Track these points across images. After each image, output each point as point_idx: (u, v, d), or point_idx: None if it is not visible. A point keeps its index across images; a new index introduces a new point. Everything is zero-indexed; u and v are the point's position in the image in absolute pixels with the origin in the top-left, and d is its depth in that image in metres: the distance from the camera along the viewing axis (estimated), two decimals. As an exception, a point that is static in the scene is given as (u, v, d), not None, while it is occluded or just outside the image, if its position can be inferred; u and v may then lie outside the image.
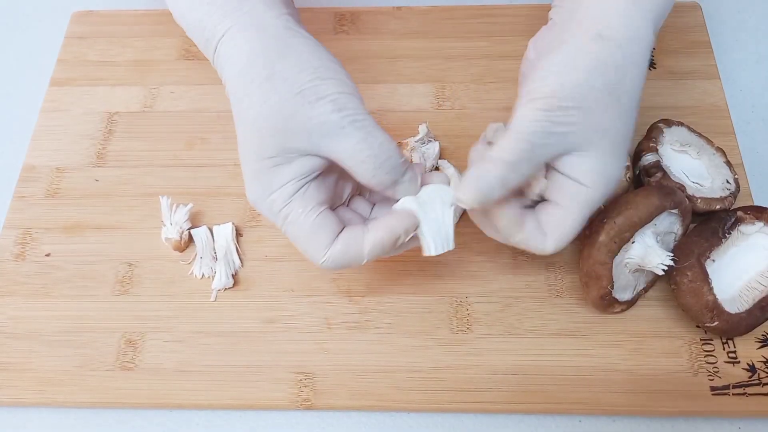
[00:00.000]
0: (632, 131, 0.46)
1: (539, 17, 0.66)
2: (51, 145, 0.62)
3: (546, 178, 0.46)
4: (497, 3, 0.68)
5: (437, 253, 0.46)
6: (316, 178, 0.45)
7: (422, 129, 0.59)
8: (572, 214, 0.45)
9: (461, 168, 0.58)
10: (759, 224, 0.52)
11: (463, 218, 0.56)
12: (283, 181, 0.44)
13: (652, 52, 0.48)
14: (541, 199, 0.47)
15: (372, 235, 0.45)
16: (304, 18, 0.67)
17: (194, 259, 0.55)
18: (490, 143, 0.47)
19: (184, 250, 0.56)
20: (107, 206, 0.58)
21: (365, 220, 0.48)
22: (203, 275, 0.55)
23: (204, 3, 0.47)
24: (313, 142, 0.43)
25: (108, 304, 0.54)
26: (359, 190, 0.50)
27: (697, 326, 0.52)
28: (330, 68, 0.45)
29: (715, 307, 0.48)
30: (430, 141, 0.58)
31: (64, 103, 0.64)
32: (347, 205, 0.49)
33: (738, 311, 0.49)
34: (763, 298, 0.50)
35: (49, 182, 0.60)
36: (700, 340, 0.51)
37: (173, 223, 0.56)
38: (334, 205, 0.48)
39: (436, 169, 0.57)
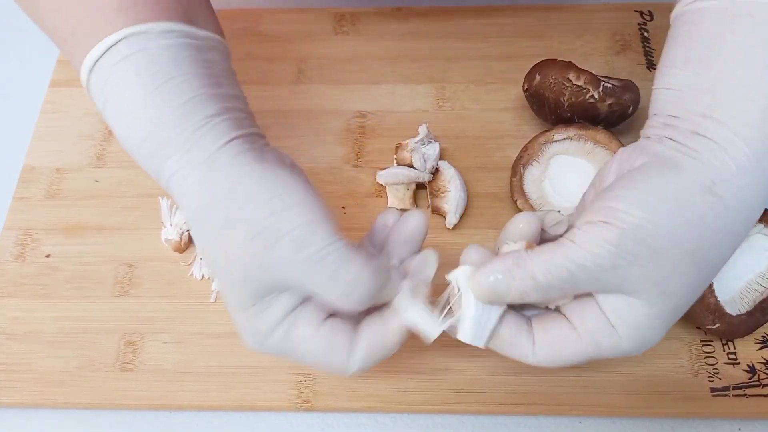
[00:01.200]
0: (697, 298, 0.40)
1: (539, 18, 0.67)
2: (51, 145, 0.62)
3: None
4: (497, 3, 0.68)
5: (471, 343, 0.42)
6: (307, 300, 0.41)
7: (422, 130, 0.59)
8: (584, 347, 0.39)
9: (461, 169, 0.58)
10: (759, 226, 0.52)
11: (462, 218, 0.56)
12: (272, 323, 0.40)
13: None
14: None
15: (394, 326, 0.41)
16: (304, 18, 0.68)
17: (194, 260, 0.55)
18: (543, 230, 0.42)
19: (183, 251, 0.56)
20: (107, 207, 0.58)
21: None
22: (203, 276, 0.55)
23: (151, 136, 0.40)
24: (285, 281, 0.39)
25: (108, 305, 0.54)
26: None
27: (697, 328, 0.52)
28: (288, 194, 0.39)
29: (717, 310, 0.48)
30: (430, 142, 0.58)
31: (64, 104, 0.64)
32: None
33: (738, 313, 0.49)
34: (764, 299, 0.50)
35: (49, 183, 0.60)
36: (700, 341, 0.51)
37: (173, 224, 0.56)
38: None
39: (436, 170, 0.57)
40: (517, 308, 0.42)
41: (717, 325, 0.49)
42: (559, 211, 0.43)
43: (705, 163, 0.38)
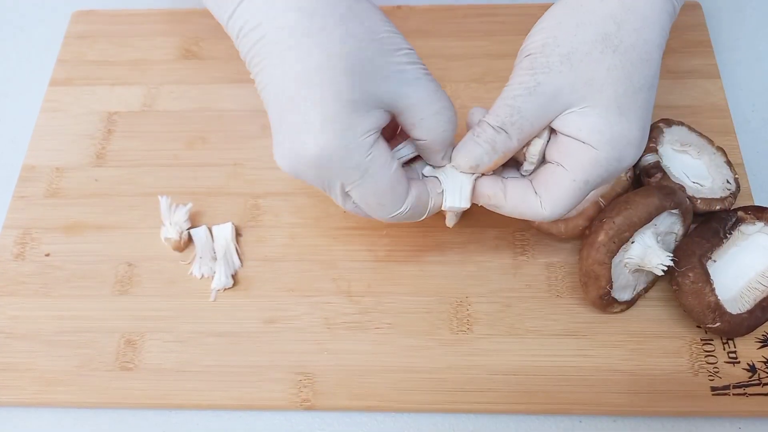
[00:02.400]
0: (647, 89, 0.43)
1: (539, 16, 0.66)
2: (51, 144, 0.62)
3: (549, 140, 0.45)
4: (497, 2, 0.68)
5: (458, 206, 0.47)
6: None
7: (422, 129, 0.58)
8: (571, 174, 0.43)
9: (461, 168, 0.58)
10: (759, 224, 0.52)
11: (463, 218, 0.56)
12: (364, 130, 0.41)
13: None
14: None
15: (432, 203, 0.46)
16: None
17: (194, 259, 0.55)
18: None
19: (183, 250, 0.56)
20: (107, 206, 0.58)
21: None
22: (203, 275, 0.55)
23: None
24: (390, 88, 0.42)
25: (108, 304, 0.54)
26: None
27: (698, 326, 0.51)
28: (393, 26, 0.44)
29: (717, 308, 0.48)
30: (430, 141, 0.58)
31: (64, 102, 0.64)
32: None
33: (739, 311, 0.49)
34: (765, 298, 0.50)
35: (48, 182, 0.60)
36: (701, 340, 0.51)
37: (173, 223, 0.56)
38: None
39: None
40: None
41: (717, 324, 0.49)
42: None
43: None
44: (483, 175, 0.46)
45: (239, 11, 0.43)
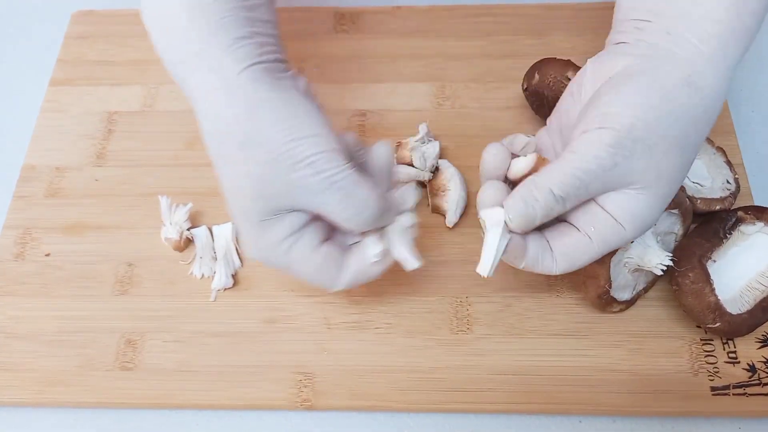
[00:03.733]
0: (682, 179, 0.44)
1: (539, 17, 0.67)
2: (51, 144, 0.62)
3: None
4: (497, 3, 0.68)
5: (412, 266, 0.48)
6: (309, 222, 0.46)
7: (422, 128, 0.59)
8: (595, 246, 0.44)
9: (461, 168, 0.58)
10: (759, 224, 0.52)
11: (463, 217, 0.56)
12: (278, 238, 0.45)
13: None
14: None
15: (372, 272, 0.47)
16: (303, 17, 0.68)
17: (194, 259, 0.55)
18: (514, 155, 0.47)
19: (183, 250, 0.56)
20: (107, 206, 0.58)
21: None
22: (203, 275, 0.55)
23: (179, 46, 0.45)
24: (298, 201, 0.44)
25: (108, 304, 0.54)
26: None
27: (698, 326, 0.52)
28: (305, 123, 0.43)
29: (717, 309, 0.48)
30: (430, 140, 0.58)
31: (64, 102, 0.64)
32: None
33: (739, 312, 0.49)
34: (765, 298, 0.50)
35: (49, 182, 0.60)
36: (701, 340, 0.51)
37: (173, 223, 0.56)
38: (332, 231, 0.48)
39: (436, 169, 0.57)
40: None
41: (718, 324, 0.49)
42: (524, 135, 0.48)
43: (681, 58, 0.42)
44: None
45: (194, 100, 0.46)
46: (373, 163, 0.47)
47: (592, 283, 0.49)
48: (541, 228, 0.45)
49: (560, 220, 0.45)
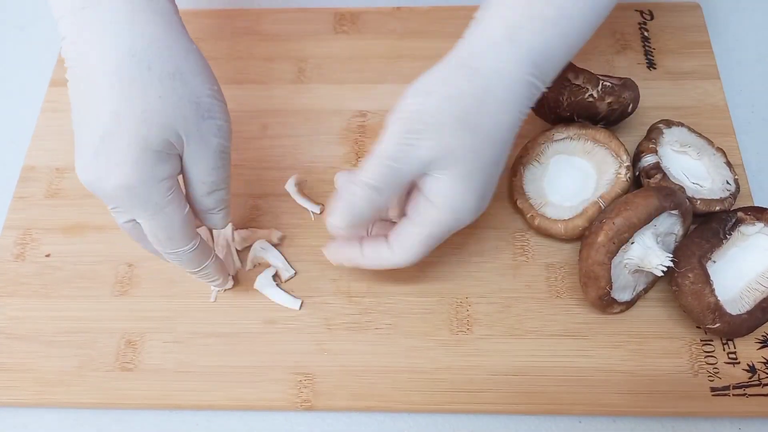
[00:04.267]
0: (494, 165, 0.47)
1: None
2: (51, 145, 0.62)
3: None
4: (497, 3, 0.68)
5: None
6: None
7: (422, 129, 0.58)
8: (418, 228, 0.47)
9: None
10: (759, 225, 0.52)
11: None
12: (166, 174, 0.45)
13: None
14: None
15: (212, 261, 0.50)
16: (304, 18, 0.68)
17: (194, 259, 0.55)
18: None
19: (184, 250, 0.56)
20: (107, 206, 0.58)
21: None
22: (203, 275, 0.55)
23: None
24: (190, 149, 0.45)
25: (108, 304, 0.54)
26: None
27: (698, 327, 0.52)
28: (218, 90, 0.47)
29: (717, 309, 0.48)
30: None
31: (64, 103, 0.63)
32: None
33: (739, 312, 0.49)
34: (764, 299, 0.50)
35: (49, 182, 0.60)
36: (701, 340, 0.51)
37: (173, 223, 0.56)
38: None
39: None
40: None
41: (717, 325, 0.49)
42: None
43: (464, 41, 0.47)
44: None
45: (74, 20, 0.44)
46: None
47: (592, 285, 0.49)
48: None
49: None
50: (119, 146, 0.43)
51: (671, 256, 0.49)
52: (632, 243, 0.49)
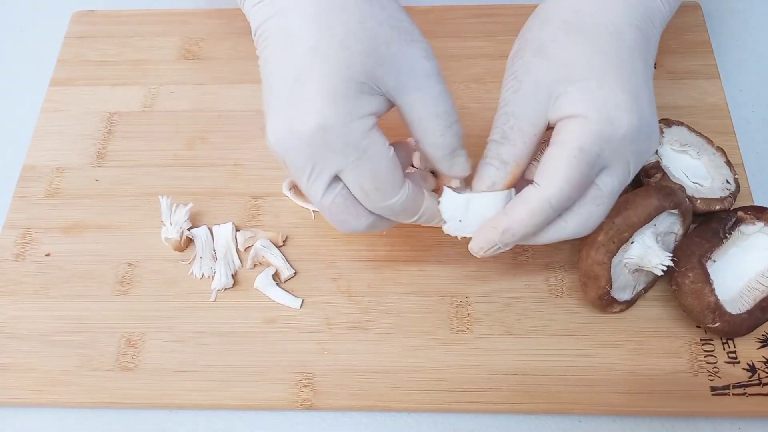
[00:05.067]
0: (624, 59, 0.43)
1: (539, 17, 0.67)
2: (51, 145, 0.62)
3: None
4: (497, 3, 0.68)
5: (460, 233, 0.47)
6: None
7: (422, 129, 0.58)
8: (565, 144, 0.42)
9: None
10: (759, 224, 0.52)
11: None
12: (366, 111, 0.41)
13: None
14: None
15: (428, 203, 0.45)
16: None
17: (194, 259, 0.55)
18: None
19: (184, 250, 0.56)
20: (107, 206, 0.58)
21: None
22: (203, 275, 0.55)
23: None
24: (400, 78, 0.42)
25: (108, 304, 0.54)
26: None
27: (698, 326, 0.52)
28: (412, 20, 0.44)
29: (717, 308, 0.48)
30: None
31: (64, 103, 0.64)
32: None
33: (739, 312, 0.49)
34: (764, 298, 0.50)
35: (49, 182, 0.60)
36: (700, 340, 0.51)
37: (173, 223, 0.56)
38: None
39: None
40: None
41: (717, 324, 0.49)
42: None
43: None
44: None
45: None
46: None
47: (592, 284, 0.49)
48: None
49: None
50: (317, 78, 0.40)
51: (671, 255, 0.49)
52: (632, 242, 0.49)
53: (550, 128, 0.45)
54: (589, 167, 0.42)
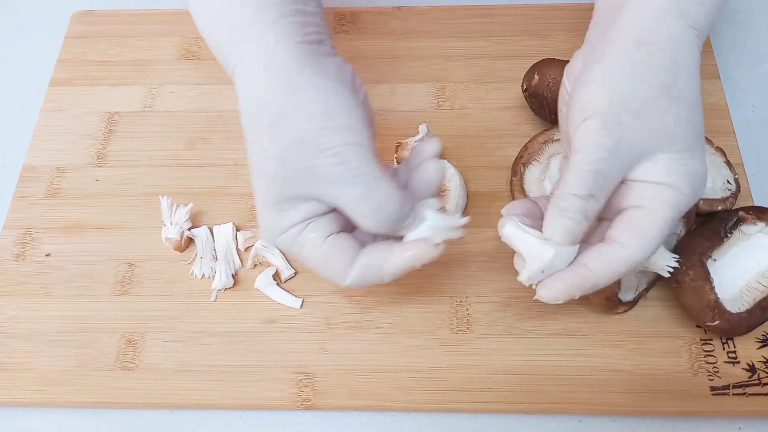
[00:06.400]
0: (702, 130, 0.44)
1: (539, 17, 0.67)
2: (51, 145, 0.62)
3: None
4: (497, 3, 0.68)
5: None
6: (326, 213, 0.45)
7: (422, 129, 0.59)
8: (655, 213, 0.42)
9: (461, 168, 0.58)
10: (760, 225, 0.52)
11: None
12: (290, 224, 0.44)
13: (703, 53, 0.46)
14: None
15: (395, 260, 0.45)
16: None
17: (194, 259, 0.55)
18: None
19: (184, 250, 0.56)
20: (107, 206, 0.58)
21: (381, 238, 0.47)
22: (203, 275, 0.55)
23: (223, 24, 0.45)
24: (316, 189, 0.43)
25: (108, 304, 0.54)
26: None
27: (698, 326, 0.52)
28: (338, 113, 0.42)
29: (717, 307, 0.48)
30: (431, 141, 0.58)
31: (64, 103, 0.64)
32: None
33: (739, 311, 0.49)
34: (764, 298, 0.50)
35: (49, 182, 0.60)
36: (700, 340, 0.51)
37: (173, 223, 0.56)
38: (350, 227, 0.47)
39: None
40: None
41: (717, 322, 0.49)
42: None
43: (628, 22, 0.44)
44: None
45: (235, 76, 0.46)
46: (420, 178, 0.47)
47: (600, 289, 0.49)
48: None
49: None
50: (255, 194, 0.45)
51: (677, 256, 0.49)
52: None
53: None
54: (670, 227, 0.43)
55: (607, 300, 0.49)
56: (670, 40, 0.43)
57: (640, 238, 0.42)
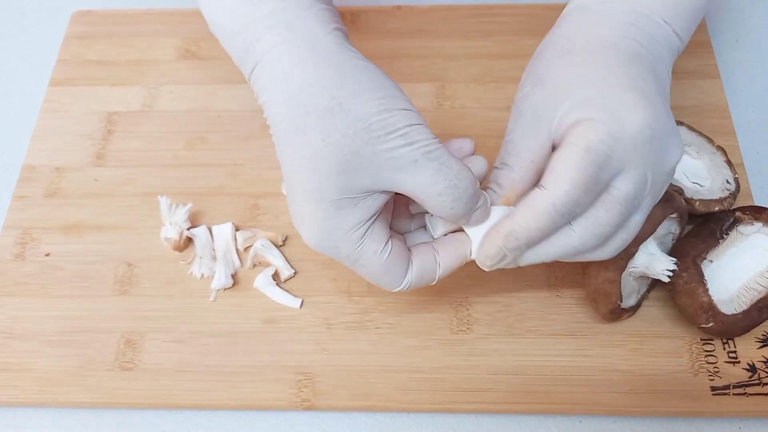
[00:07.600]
0: (618, 66, 0.42)
1: (539, 17, 0.67)
2: (51, 145, 0.62)
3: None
4: (497, 3, 0.68)
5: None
6: (379, 213, 0.42)
7: (422, 129, 0.58)
8: (569, 148, 0.40)
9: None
10: (758, 224, 0.52)
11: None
12: (349, 227, 0.41)
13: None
14: None
15: (445, 261, 0.44)
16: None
17: (194, 259, 0.55)
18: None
19: (183, 250, 0.56)
20: (107, 206, 0.58)
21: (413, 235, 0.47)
22: (203, 275, 0.55)
23: (245, 11, 0.42)
24: (382, 177, 0.40)
25: (107, 304, 0.54)
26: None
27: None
28: (394, 97, 0.40)
29: (710, 309, 0.48)
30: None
31: (64, 103, 0.64)
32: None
33: (734, 312, 0.49)
34: (761, 298, 0.50)
35: (48, 182, 0.60)
36: (701, 340, 0.51)
37: (173, 223, 0.56)
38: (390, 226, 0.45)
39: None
40: None
41: (711, 324, 0.48)
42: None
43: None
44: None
45: (252, 78, 0.43)
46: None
47: (603, 300, 0.49)
48: None
49: None
50: (300, 202, 0.42)
51: (675, 260, 0.48)
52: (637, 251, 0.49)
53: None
54: (598, 169, 0.40)
55: (611, 312, 0.49)
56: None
57: (556, 176, 0.40)
